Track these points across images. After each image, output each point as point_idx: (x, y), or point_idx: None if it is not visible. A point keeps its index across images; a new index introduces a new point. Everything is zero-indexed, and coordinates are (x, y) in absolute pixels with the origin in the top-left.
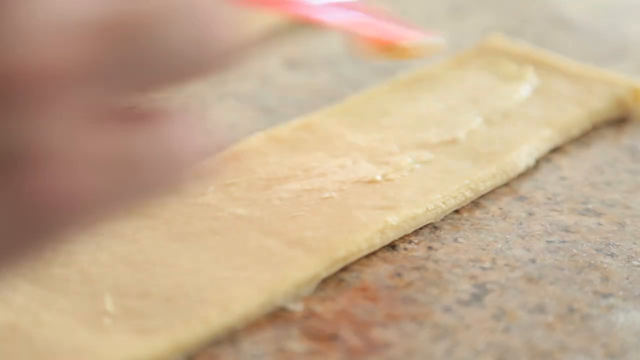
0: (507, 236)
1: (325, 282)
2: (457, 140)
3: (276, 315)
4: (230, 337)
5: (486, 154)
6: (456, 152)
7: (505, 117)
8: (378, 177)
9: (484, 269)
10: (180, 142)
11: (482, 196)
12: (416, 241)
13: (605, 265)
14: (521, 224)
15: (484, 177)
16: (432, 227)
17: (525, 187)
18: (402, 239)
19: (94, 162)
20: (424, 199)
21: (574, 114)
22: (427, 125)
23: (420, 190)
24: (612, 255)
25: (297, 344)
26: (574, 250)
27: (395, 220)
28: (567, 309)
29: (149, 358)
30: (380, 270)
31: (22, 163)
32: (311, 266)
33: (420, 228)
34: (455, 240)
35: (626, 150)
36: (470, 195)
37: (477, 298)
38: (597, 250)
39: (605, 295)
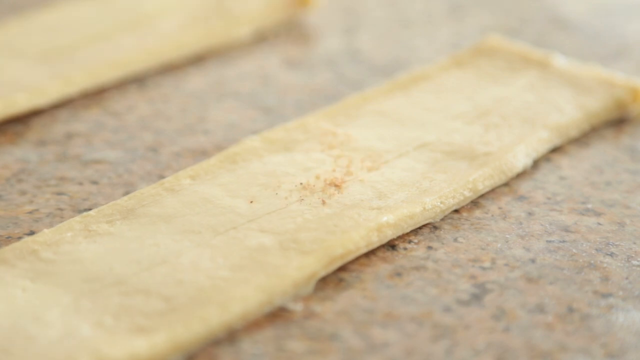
0: (507, 236)
1: (325, 282)
2: (454, 141)
3: (276, 315)
4: (230, 336)
5: (483, 154)
6: (453, 152)
7: (503, 118)
8: (375, 177)
9: (483, 268)
10: None
11: (482, 196)
12: (416, 241)
13: (605, 265)
14: (521, 223)
15: (481, 177)
16: (432, 226)
17: (525, 187)
18: (402, 238)
19: None
20: (421, 198)
21: (572, 116)
22: (425, 125)
23: (417, 189)
24: (611, 255)
25: (297, 344)
26: (574, 250)
27: (392, 218)
28: (567, 308)
29: (148, 357)
30: (380, 270)
31: None
32: (309, 265)
33: (420, 228)
34: (455, 240)
35: (626, 150)
36: (469, 195)
37: (476, 298)
38: (596, 250)
39: (605, 295)
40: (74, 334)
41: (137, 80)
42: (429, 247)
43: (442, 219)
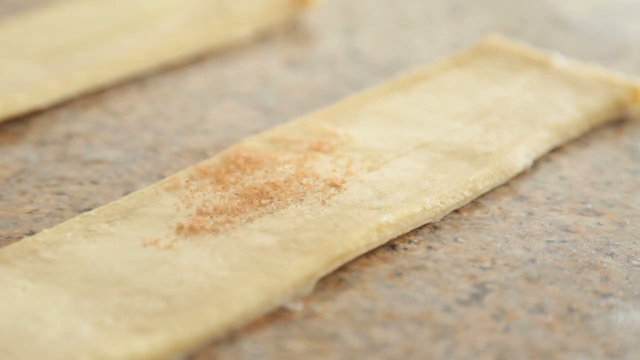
0: (507, 236)
1: (325, 282)
2: (454, 141)
3: (276, 315)
4: (230, 336)
5: (483, 154)
6: (453, 152)
7: (503, 117)
8: (375, 177)
9: (483, 268)
10: None
11: (482, 196)
12: (416, 241)
13: (605, 265)
14: (521, 223)
15: (481, 177)
16: (432, 226)
17: (524, 187)
18: (402, 238)
19: None
20: (421, 198)
21: (572, 116)
22: (425, 125)
23: (417, 189)
24: (611, 255)
25: (297, 344)
26: (574, 250)
27: (392, 218)
28: (567, 308)
29: (148, 357)
30: (380, 270)
31: None
32: (309, 265)
33: (420, 228)
34: (455, 240)
35: (626, 150)
36: (469, 195)
37: (476, 298)
38: (596, 250)
39: (605, 295)
40: (74, 334)
41: (137, 80)
42: (429, 247)
43: (442, 219)
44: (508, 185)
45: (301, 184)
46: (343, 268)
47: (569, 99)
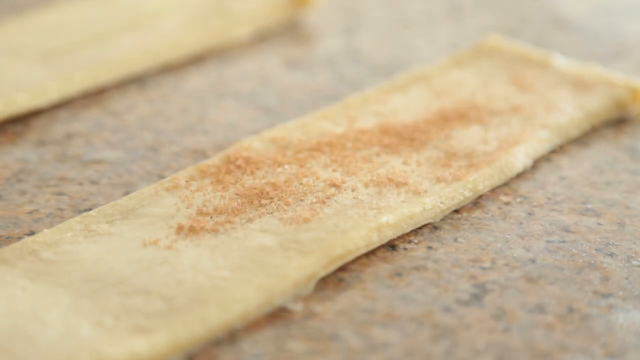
0: (507, 236)
1: (325, 282)
2: (454, 141)
3: (276, 315)
4: (230, 336)
5: (483, 154)
6: (453, 153)
7: (503, 118)
8: (375, 177)
9: (483, 268)
10: None
11: (482, 196)
12: (416, 241)
13: (605, 265)
14: (521, 224)
15: (481, 177)
16: (432, 227)
17: (525, 187)
18: (402, 238)
19: None
20: (421, 198)
21: (573, 115)
22: (424, 125)
23: (416, 189)
24: (611, 255)
25: (297, 344)
26: (574, 250)
27: (392, 218)
28: (567, 308)
29: (148, 357)
30: (380, 270)
31: None
32: (309, 265)
33: (420, 228)
34: (455, 240)
35: (626, 150)
36: (469, 195)
37: (476, 298)
38: (596, 250)
39: (605, 295)
40: (74, 334)
41: (137, 80)
42: (429, 247)
43: (442, 219)
44: (508, 185)
45: (301, 184)
46: (343, 268)
47: (569, 99)
